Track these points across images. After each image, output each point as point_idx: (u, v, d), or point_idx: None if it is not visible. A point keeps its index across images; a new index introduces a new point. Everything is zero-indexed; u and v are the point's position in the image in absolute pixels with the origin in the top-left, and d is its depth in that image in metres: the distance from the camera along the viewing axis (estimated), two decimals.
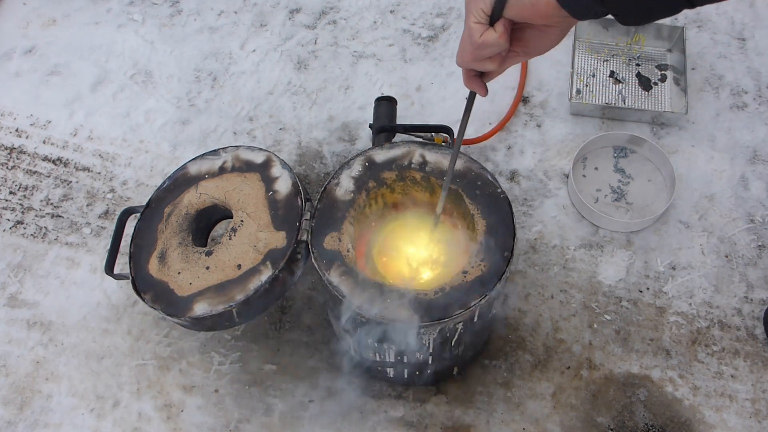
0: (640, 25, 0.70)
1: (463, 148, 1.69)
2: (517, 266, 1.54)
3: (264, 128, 1.78)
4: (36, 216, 1.68)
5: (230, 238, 1.22)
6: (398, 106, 1.63)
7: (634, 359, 1.43)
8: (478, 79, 0.79)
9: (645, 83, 1.78)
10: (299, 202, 1.23)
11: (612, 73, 1.80)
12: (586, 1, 0.66)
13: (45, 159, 1.77)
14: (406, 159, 1.24)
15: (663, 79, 1.78)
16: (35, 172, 1.75)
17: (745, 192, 1.62)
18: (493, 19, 0.70)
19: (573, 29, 1.81)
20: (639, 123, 1.72)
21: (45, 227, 1.66)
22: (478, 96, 0.85)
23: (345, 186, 1.21)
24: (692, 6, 0.65)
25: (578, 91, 1.77)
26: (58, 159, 1.77)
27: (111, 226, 1.64)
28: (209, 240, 1.38)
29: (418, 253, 1.24)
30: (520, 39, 0.74)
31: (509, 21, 0.70)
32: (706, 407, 1.38)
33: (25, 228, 1.67)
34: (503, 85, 1.78)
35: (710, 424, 1.36)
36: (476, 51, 0.73)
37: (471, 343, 1.29)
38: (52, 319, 1.54)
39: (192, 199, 1.30)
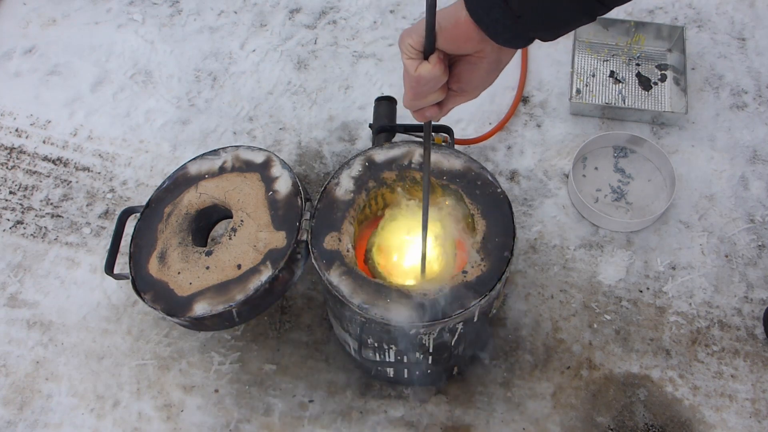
0: (559, 37, 0.70)
1: (463, 148, 1.69)
2: (517, 266, 1.54)
3: (264, 128, 1.78)
4: (36, 216, 1.68)
5: (230, 238, 1.22)
6: (398, 106, 1.63)
7: (634, 359, 1.43)
8: (428, 108, 0.78)
9: (645, 83, 1.78)
10: (299, 202, 1.23)
11: (612, 73, 1.80)
12: (498, 17, 0.66)
13: (45, 159, 1.77)
14: (406, 159, 1.24)
15: (663, 79, 1.78)
16: (35, 172, 1.75)
17: (745, 192, 1.62)
18: (426, 54, 0.71)
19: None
20: (639, 123, 1.72)
21: (45, 227, 1.66)
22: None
23: (345, 186, 1.21)
24: (607, 9, 0.66)
25: (578, 91, 1.77)
26: (58, 159, 1.77)
27: (111, 226, 1.64)
28: (209, 240, 1.38)
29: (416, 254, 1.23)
30: (453, 75, 0.74)
31: (442, 53, 0.71)
32: (706, 407, 1.38)
33: (25, 228, 1.67)
34: (503, 85, 1.78)
35: (710, 424, 1.36)
36: (415, 88, 0.73)
37: (471, 343, 1.29)
38: (52, 319, 1.54)
39: (192, 199, 1.30)
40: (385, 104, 1.59)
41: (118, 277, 1.31)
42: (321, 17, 1.97)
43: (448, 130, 1.46)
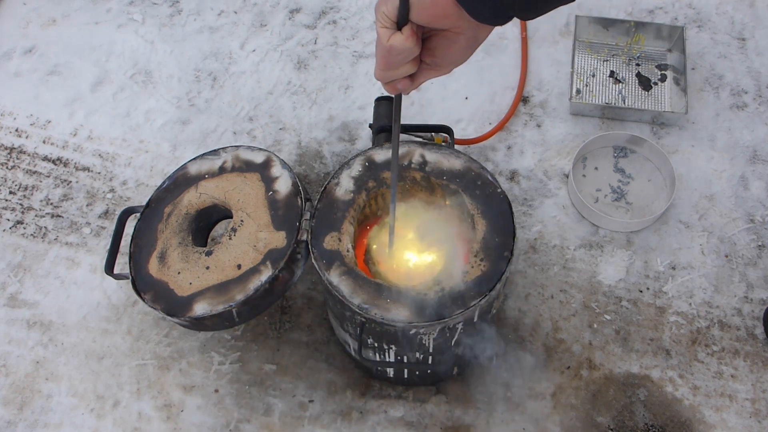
0: (539, 16, 0.68)
1: (463, 148, 1.69)
2: (517, 266, 1.54)
3: (264, 128, 1.78)
4: (36, 216, 1.68)
5: (230, 238, 1.22)
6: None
7: (634, 359, 1.43)
8: (400, 80, 0.76)
9: (645, 83, 1.78)
10: (299, 202, 1.23)
11: (612, 73, 1.80)
12: None
13: (45, 159, 1.77)
14: (406, 159, 1.24)
15: (663, 79, 1.78)
16: (35, 172, 1.75)
17: (745, 192, 1.62)
18: (400, 25, 0.69)
19: (573, 29, 1.81)
20: (639, 123, 1.72)
21: (45, 227, 1.66)
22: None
23: (345, 186, 1.21)
24: None
25: (578, 91, 1.77)
26: (58, 159, 1.77)
27: (111, 226, 1.64)
28: (209, 240, 1.38)
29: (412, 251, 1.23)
30: (428, 48, 0.73)
31: (416, 25, 0.69)
32: (706, 407, 1.38)
33: (25, 228, 1.67)
34: (503, 85, 1.78)
35: (710, 424, 1.36)
36: (387, 58, 0.71)
37: (471, 343, 1.29)
38: (52, 319, 1.54)
39: (192, 199, 1.30)
40: (385, 104, 1.59)
41: (118, 277, 1.31)
42: (321, 17, 1.97)
43: (448, 130, 1.46)
